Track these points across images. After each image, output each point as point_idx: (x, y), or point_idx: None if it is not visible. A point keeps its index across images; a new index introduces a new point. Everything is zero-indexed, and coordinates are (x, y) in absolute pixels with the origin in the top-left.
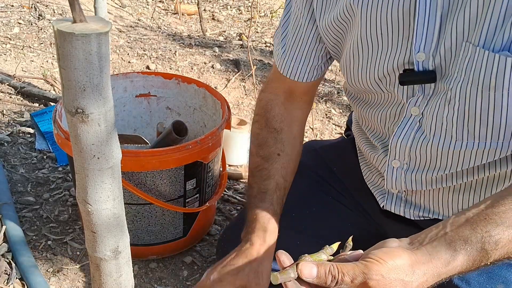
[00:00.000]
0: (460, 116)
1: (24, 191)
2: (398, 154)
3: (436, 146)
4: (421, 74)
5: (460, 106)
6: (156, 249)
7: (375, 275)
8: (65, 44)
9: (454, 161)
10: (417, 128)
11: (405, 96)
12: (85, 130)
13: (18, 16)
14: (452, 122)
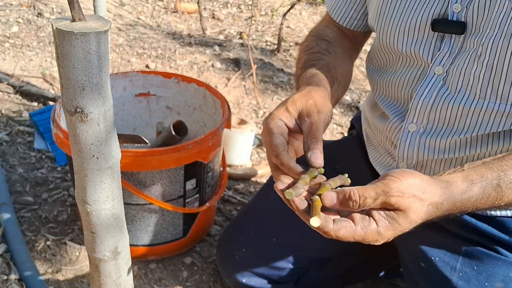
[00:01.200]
0: (487, 71)
1: (23, 191)
2: (417, 116)
3: (458, 104)
4: (453, 23)
5: (490, 60)
6: (156, 249)
7: (395, 192)
8: (64, 43)
9: (473, 123)
10: (441, 86)
11: (431, 54)
12: (84, 129)
13: (17, 15)
14: (478, 78)
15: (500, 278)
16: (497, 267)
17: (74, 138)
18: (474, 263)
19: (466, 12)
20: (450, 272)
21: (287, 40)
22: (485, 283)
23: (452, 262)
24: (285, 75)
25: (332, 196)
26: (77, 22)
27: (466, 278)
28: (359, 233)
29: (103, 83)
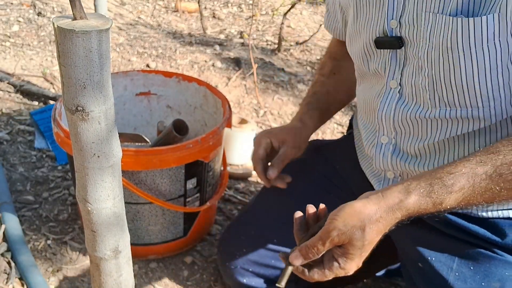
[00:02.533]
0: (430, 82)
1: (24, 190)
2: (385, 129)
3: (415, 114)
4: (390, 38)
5: (429, 71)
6: (157, 248)
7: (334, 232)
8: (66, 41)
9: (433, 129)
10: (398, 99)
11: (383, 68)
12: (85, 128)
13: (17, 14)
14: (425, 89)
15: (496, 278)
16: (493, 266)
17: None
18: (470, 263)
19: (401, 27)
20: (447, 272)
21: (288, 39)
22: (481, 283)
23: (448, 262)
24: (285, 74)
25: (296, 255)
26: (78, 20)
27: (463, 278)
28: (328, 273)
29: (104, 82)
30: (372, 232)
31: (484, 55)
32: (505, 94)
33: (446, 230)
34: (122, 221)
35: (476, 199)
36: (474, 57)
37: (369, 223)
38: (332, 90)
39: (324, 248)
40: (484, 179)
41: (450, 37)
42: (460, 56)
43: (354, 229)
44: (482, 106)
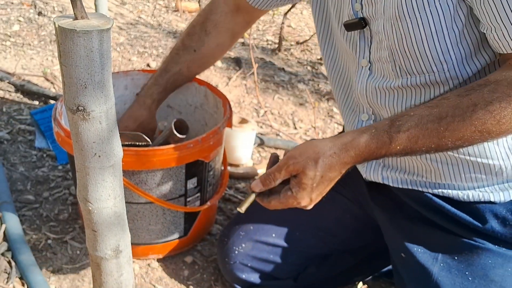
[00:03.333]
0: (389, 53)
1: (24, 189)
2: (362, 107)
3: (383, 86)
4: (356, 20)
5: (386, 43)
6: (157, 248)
7: (290, 160)
8: (67, 41)
9: (400, 99)
10: (368, 75)
11: (354, 49)
12: (86, 128)
13: (18, 14)
14: (387, 61)
15: (480, 266)
16: (476, 255)
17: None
18: (454, 253)
19: (362, 8)
20: (432, 263)
21: (288, 39)
22: (465, 272)
23: (433, 253)
24: (286, 74)
25: (257, 182)
26: (79, 20)
27: (448, 268)
28: (282, 200)
29: (105, 81)
30: (324, 165)
31: (428, 19)
32: (456, 56)
33: (431, 215)
34: (123, 221)
35: (424, 141)
36: (420, 23)
37: (323, 156)
38: (184, 68)
39: (280, 176)
40: (430, 120)
41: (397, 7)
42: (408, 24)
43: (308, 159)
44: (437, 71)
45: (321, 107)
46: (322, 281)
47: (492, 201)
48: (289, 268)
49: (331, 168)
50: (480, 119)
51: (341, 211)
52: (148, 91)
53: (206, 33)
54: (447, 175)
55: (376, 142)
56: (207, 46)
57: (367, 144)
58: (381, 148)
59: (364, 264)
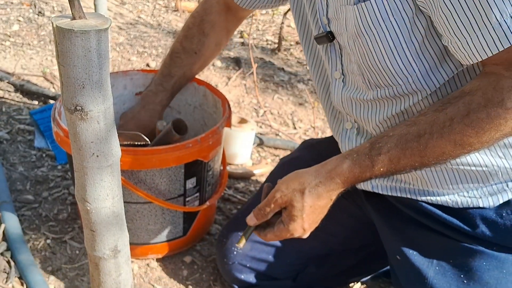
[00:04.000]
0: (357, 67)
1: (23, 189)
2: (345, 115)
3: (357, 97)
4: (325, 33)
5: (352, 57)
6: (156, 248)
7: (278, 194)
8: (64, 40)
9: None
10: (342, 87)
11: (327, 61)
12: (84, 127)
13: (17, 14)
14: (357, 74)
15: (475, 269)
16: (471, 258)
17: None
18: (449, 256)
19: (329, 22)
20: (427, 267)
21: (288, 39)
22: (460, 275)
23: (428, 257)
24: (285, 74)
25: (251, 217)
26: (77, 20)
27: (443, 272)
28: (277, 233)
29: (103, 81)
30: (311, 195)
31: (385, 34)
32: (419, 68)
33: (425, 221)
34: (121, 221)
35: (406, 160)
36: (377, 38)
37: (308, 186)
38: (187, 71)
39: (271, 209)
40: (409, 139)
41: (355, 24)
42: (367, 40)
43: (295, 191)
44: (403, 83)
45: (321, 107)
46: (321, 281)
47: (481, 206)
48: (288, 268)
49: (319, 197)
50: (458, 133)
51: (340, 211)
52: (156, 98)
53: (204, 34)
54: (433, 182)
55: (359, 167)
56: (207, 47)
57: (350, 169)
58: (364, 172)
59: (363, 264)
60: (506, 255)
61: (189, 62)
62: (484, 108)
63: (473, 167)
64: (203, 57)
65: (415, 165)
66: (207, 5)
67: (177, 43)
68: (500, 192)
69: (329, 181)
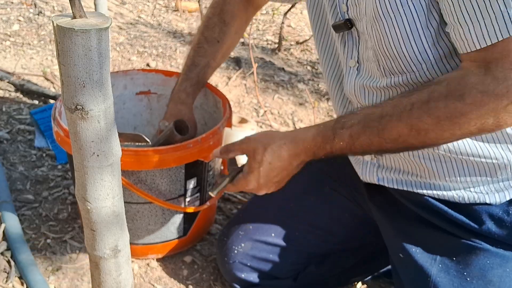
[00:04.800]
0: (373, 53)
1: (23, 189)
2: (355, 105)
3: (369, 85)
4: (343, 21)
5: (369, 43)
6: (156, 248)
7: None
8: (65, 39)
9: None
10: (356, 75)
11: (342, 49)
12: (84, 127)
13: (17, 13)
14: (372, 60)
15: (478, 267)
16: (474, 255)
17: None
18: (452, 254)
19: (348, 9)
20: (430, 264)
21: (288, 39)
22: (464, 273)
23: (432, 254)
24: (286, 74)
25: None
26: (77, 19)
27: (446, 269)
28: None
29: (103, 81)
30: (273, 153)
31: (402, 19)
32: (434, 55)
33: (429, 217)
34: (122, 220)
35: (364, 138)
36: (395, 23)
37: (273, 144)
38: (211, 60)
39: (234, 149)
40: (372, 119)
41: (372, 8)
42: (384, 24)
43: (260, 144)
44: (417, 70)
45: (321, 107)
46: (321, 281)
47: (487, 202)
48: (288, 268)
49: (279, 157)
50: (415, 118)
51: (340, 210)
52: (181, 86)
53: (225, 23)
54: (441, 173)
55: (322, 137)
56: (228, 36)
57: (313, 138)
58: (326, 143)
59: (363, 264)
60: (510, 253)
61: (212, 51)
62: (444, 98)
63: (483, 159)
64: (225, 46)
65: (372, 144)
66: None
67: (199, 34)
68: (507, 189)
69: (292, 145)
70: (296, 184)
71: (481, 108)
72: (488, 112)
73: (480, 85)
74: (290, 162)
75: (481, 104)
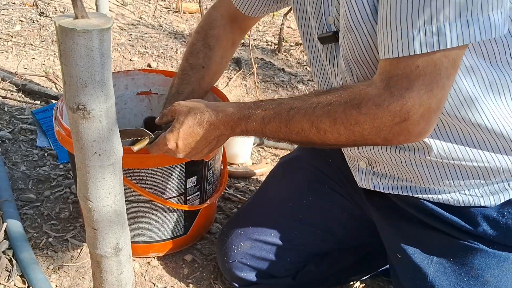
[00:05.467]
0: (345, 63)
1: (25, 188)
2: None
3: None
4: (330, 33)
5: (342, 53)
6: (157, 246)
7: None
8: (67, 40)
9: None
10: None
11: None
12: (86, 126)
13: (20, 14)
14: (345, 70)
15: (475, 267)
16: (471, 256)
17: (76, 135)
18: (449, 254)
19: (334, 21)
20: (427, 264)
21: (288, 40)
22: (460, 273)
23: (429, 255)
24: (285, 74)
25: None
26: (79, 19)
27: (442, 269)
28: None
29: (105, 80)
30: (195, 117)
31: (373, 28)
32: None
33: (426, 219)
34: (123, 219)
35: (274, 124)
36: (366, 33)
37: (197, 109)
38: (196, 87)
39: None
40: (284, 108)
41: (344, 19)
42: (356, 34)
43: (184, 108)
44: None
45: None
46: (320, 279)
47: (482, 205)
48: (287, 267)
49: (199, 123)
50: (317, 116)
51: (339, 210)
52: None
53: (210, 48)
54: (434, 179)
55: (239, 113)
56: (213, 61)
57: (232, 113)
58: (241, 120)
59: (362, 263)
60: (507, 253)
61: (197, 77)
62: (344, 104)
63: (475, 163)
64: (211, 71)
65: (280, 132)
66: (211, 19)
67: (183, 61)
68: (502, 192)
69: (213, 114)
70: (295, 184)
71: (374, 120)
72: (381, 126)
73: (377, 98)
74: (209, 131)
75: (374, 117)
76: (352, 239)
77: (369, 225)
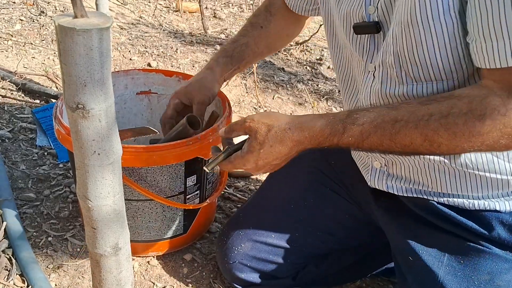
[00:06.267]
0: (396, 58)
1: (25, 187)
2: None
3: (385, 92)
4: (368, 24)
5: (394, 48)
6: (156, 246)
7: (249, 119)
8: (66, 39)
9: None
10: (372, 81)
11: (361, 53)
12: (85, 125)
13: (19, 13)
14: (392, 66)
15: (486, 271)
16: (483, 259)
17: (75, 134)
18: (460, 257)
19: (377, 12)
20: (437, 266)
21: None
22: (471, 276)
23: (439, 257)
24: (285, 74)
25: (222, 130)
26: (79, 18)
27: (453, 272)
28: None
29: (104, 80)
30: (276, 136)
31: (442, 28)
32: (467, 65)
33: (437, 222)
34: (122, 218)
35: (374, 138)
36: (433, 31)
37: (278, 127)
38: (252, 42)
39: (237, 128)
40: (386, 120)
41: (409, 12)
42: (420, 31)
43: (263, 125)
44: (446, 79)
45: (320, 107)
46: (320, 280)
47: (497, 209)
48: (288, 267)
49: (282, 142)
50: (431, 130)
51: (339, 211)
52: (214, 56)
53: (270, 14)
54: (453, 187)
55: (330, 129)
56: (273, 26)
57: (322, 128)
58: (334, 136)
59: (362, 263)
60: None
61: (254, 34)
62: (464, 115)
63: (499, 175)
64: (268, 35)
65: (381, 145)
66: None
67: (246, 22)
68: None
69: (298, 131)
70: (296, 185)
71: (500, 130)
72: (504, 134)
73: (502, 107)
74: (292, 148)
75: (500, 127)
76: (352, 240)
77: (370, 226)
